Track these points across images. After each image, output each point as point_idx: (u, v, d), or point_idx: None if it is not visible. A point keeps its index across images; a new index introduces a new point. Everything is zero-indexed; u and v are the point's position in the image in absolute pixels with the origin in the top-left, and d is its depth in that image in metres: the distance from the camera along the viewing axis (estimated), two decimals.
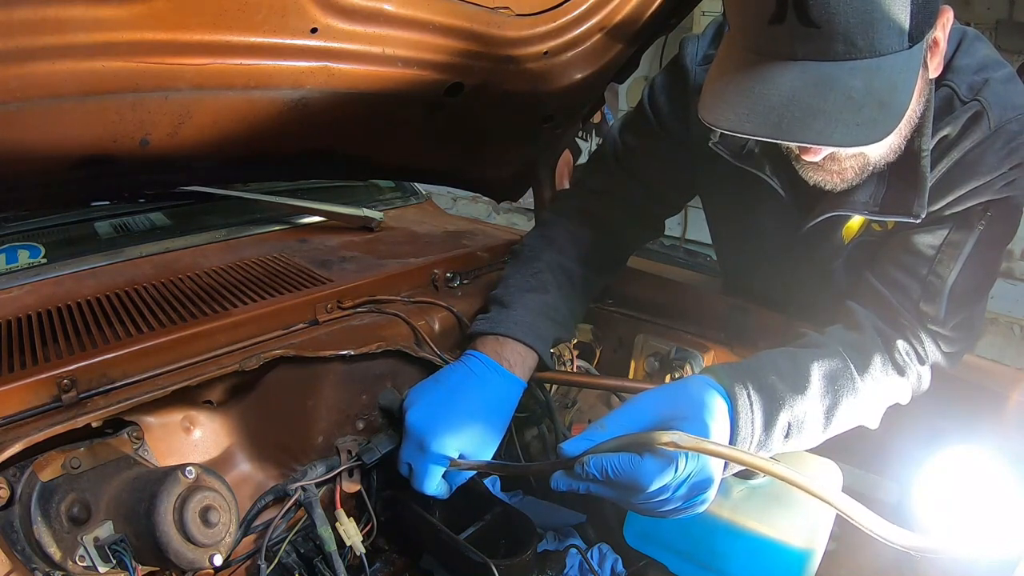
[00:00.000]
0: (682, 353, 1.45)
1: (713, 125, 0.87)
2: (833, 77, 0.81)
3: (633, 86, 4.50)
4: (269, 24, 0.92)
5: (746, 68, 0.86)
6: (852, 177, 1.03)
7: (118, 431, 0.93)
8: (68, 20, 0.76)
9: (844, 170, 1.02)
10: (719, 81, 0.89)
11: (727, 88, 0.87)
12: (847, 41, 0.80)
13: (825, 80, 0.81)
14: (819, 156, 0.96)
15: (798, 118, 0.82)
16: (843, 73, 0.81)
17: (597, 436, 0.88)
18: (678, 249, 4.86)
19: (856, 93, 0.81)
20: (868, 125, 0.82)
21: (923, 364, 1.09)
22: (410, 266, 1.38)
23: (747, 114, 0.84)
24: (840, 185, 1.05)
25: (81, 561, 0.81)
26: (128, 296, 1.17)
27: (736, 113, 0.85)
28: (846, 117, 0.81)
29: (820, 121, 0.81)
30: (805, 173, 1.05)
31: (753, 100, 0.84)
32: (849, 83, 0.81)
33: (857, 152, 0.98)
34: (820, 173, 1.04)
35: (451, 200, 5.68)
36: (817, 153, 0.95)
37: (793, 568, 1.02)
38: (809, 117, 0.81)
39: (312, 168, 1.41)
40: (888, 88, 0.82)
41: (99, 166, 1.00)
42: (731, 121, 0.85)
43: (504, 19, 1.16)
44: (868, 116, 0.81)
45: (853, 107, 0.81)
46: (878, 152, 1.00)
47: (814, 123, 0.81)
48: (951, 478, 1.10)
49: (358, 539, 1.03)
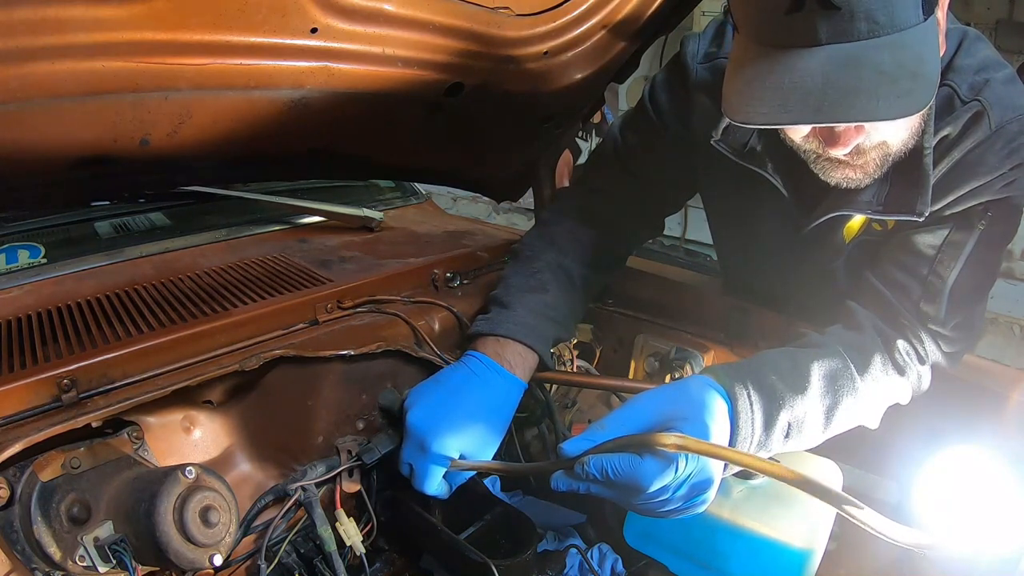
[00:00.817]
0: (682, 353, 1.45)
1: (746, 122, 0.87)
2: (860, 56, 0.80)
3: (633, 86, 4.49)
4: (269, 24, 0.92)
5: (768, 62, 0.84)
6: (874, 170, 1.01)
7: (118, 431, 0.93)
8: (68, 20, 0.76)
9: (867, 163, 1.00)
10: (740, 81, 0.87)
11: (752, 85, 0.85)
12: (869, 19, 0.79)
13: (854, 60, 0.80)
14: (848, 147, 0.94)
15: (837, 100, 0.81)
16: (869, 51, 0.80)
17: (597, 436, 0.88)
18: (678, 249, 4.85)
19: (887, 68, 0.80)
20: (907, 96, 0.81)
21: (923, 364, 1.09)
22: (410, 266, 1.38)
23: (782, 104, 0.83)
24: (864, 180, 1.03)
25: (81, 561, 0.81)
26: (128, 296, 1.17)
27: (769, 107, 0.83)
28: (884, 91, 0.80)
29: (861, 99, 0.80)
30: (825, 173, 1.03)
31: (785, 91, 0.82)
32: (878, 59, 0.80)
33: (880, 141, 0.97)
34: (843, 169, 1.01)
35: (451, 200, 5.68)
36: (847, 144, 0.93)
37: (793, 568, 1.02)
38: (850, 96, 0.80)
39: (312, 168, 1.41)
40: (916, 59, 0.81)
41: (99, 166, 1.00)
42: (766, 115, 0.84)
43: (504, 19, 1.16)
44: (905, 88, 0.81)
45: (888, 81, 0.80)
46: (900, 139, 0.98)
47: (856, 101, 0.81)
48: (951, 478, 1.10)
49: (358, 539, 1.03)
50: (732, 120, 0.88)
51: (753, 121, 0.86)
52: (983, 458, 1.07)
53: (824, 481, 0.75)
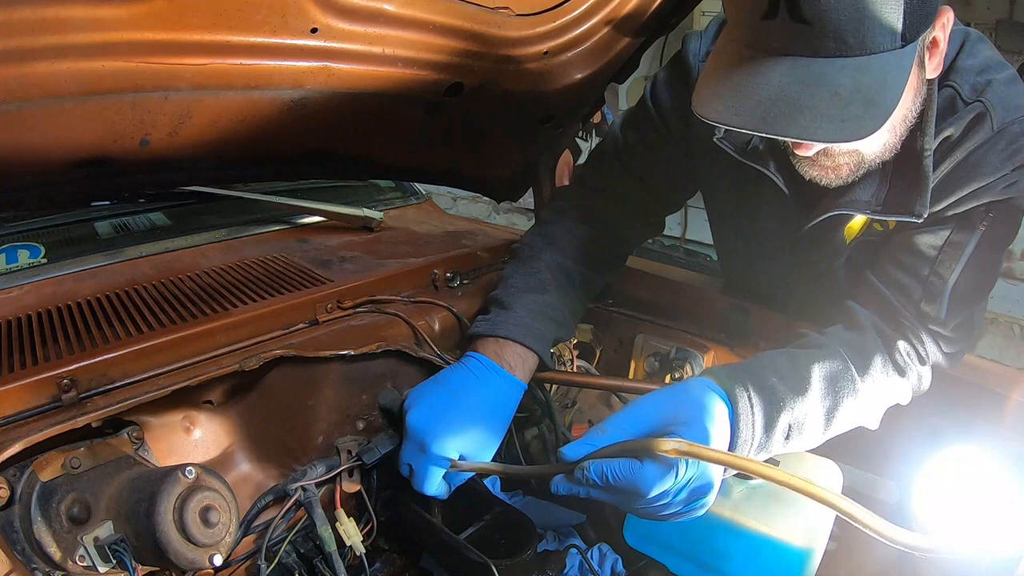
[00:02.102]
0: (682, 353, 1.45)
1: (702, 116, 0.88)
2: (822, 74, 0.82)
3: (633, 86, 4.50)
4: (269, 24, 0.92)
5: (738, 62, 0.87)
6: (847, 174, 1.04)
7: (118, 431, 0.93)
8: (68, 20, 0.76)
9: (839, 166, 1.02)
10: (713, 74, 0.90)
11: (720, 81, 0.88)
12: (837, 38, 0.80)
13: (814, 76, 0.82)
14: (811, 151, 0.97)
15: (784, 113, 0.82)
16: (832, 70, 0.82)
17: (597, 440, 0.88)
18: (678, 249, 4.85)
19: (843, 90, 0.81)
20: (853, 122, 0.82)
21: (924, 364, 1.09)
22: (410, 266, 1.38)
23: (735, 107, 0.85)
24: (835, 181, 1.05)
25: (81, 561, 0.81)
26: (128, 296, 1.17)
27: (725, 106, 0.86)
28: (832, 113, 0.82)
29: (806, 117, 0.82)
30: (801, 168, 1.06)
31: (743, 93, 0.85)
32: (837, 80, 0.81)
33: (851, 149, 0.99)
34: (815, 168, 1.04)
35: (451, 200, 5.69)
36: (808, 148, 0.96)
37: (793, 567, 1.02)
38: (795, 112, 0.82)
39: (312, 168, 1.41)
40: (877, 86, 0.82)
41: (99, 166, 1.00)
42: (720, 113, 0.86)
43: (504, 19, 1.16)
44: (854, 113, 0.82)
45: (839, 104, 0.81)
46: (872, 150, 1.00)
47: (800, 118, 0.82)
48: (951, 478, 1.10)
49: (358, 539, 1.03)
50: (694, 110, 0.89)
51: (706, 116, 0.88)
52: (983, 458, 1.07)
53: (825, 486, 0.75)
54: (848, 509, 0.74)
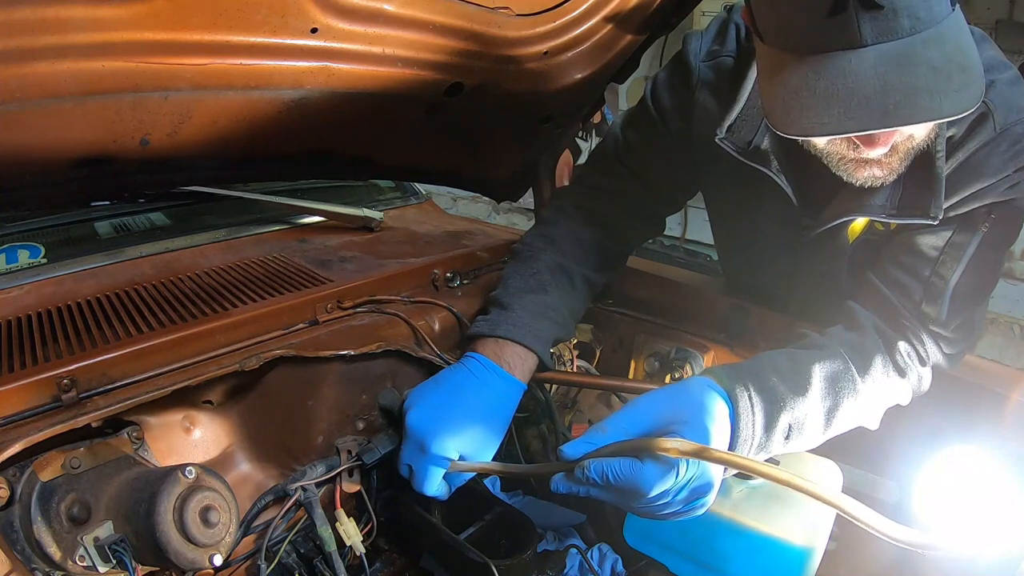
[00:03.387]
0: (682, 353, 1.45)
1: (804, 135, 0.84)
2: (911, 54, 0.79)
3: (633, 86, 4.50)
4: (269, 24, 0.92)
5: (814, 69, 0.81)
6: (899, 166, 0.99)
7: (118, 431, 0.93)
8: (68, 20, 0.76)
9: (894, 160, 0.98)
10: (783, 91, 0.84)
11: (800, 95, 0.82)
12: (911, 15, 0.78)
13: (905, 58, 0.78)
14: (887, 146, 0.93)
15: (900, 102, 0.78)
16: (917, 48, 0.79)
17: (598, 439, 0.88)
18: (678, 249, 4.85)
19: (937, 63, 0.79)
20: (963, 89, 0.80)
21: (924, 365, 1.09)
22: (410, 266, 1.38)
23: (842, 112, 0.80)
24: (889, 178, 1.01)
25: (81, 561, 0.81)
26: (128, 296, 1.17)
27: (830, 117, 0.81)
28: (943, 86, 0.79)
29: (924, 97, 0.78)
30: (851, 173, 1.00)
31: (843, 98, 0.80)
32: (927, 55, 0.78)
33: (908, 136, 0.95)
34: (870, 168, 0.99)
35: (451, 200, 5.68)
36: (886, 143, 0.92)
37: (793, 567, 1.02)
38: (913, 96, 0.78)
39: (312, 168, 1.41)
40: (959, 52, 0.80)
41: (99, 166, 1.00)
42: (827, 125, 0.81)
43: (504, 19, 1.16)
44: (959, 81, 0.79)
45: (943, 77, 0.79)
46: (924, 132, 0.96)
47: (919, 100, 0.78)
48: (951, 478, 1.10)
49: (358, 539, 1.03)
50: (785, 134, 0.85)
51: (813, 132, 0.83)
52: (983, 458, 1.07)
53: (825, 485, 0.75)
54: (849, 508, 0.74)
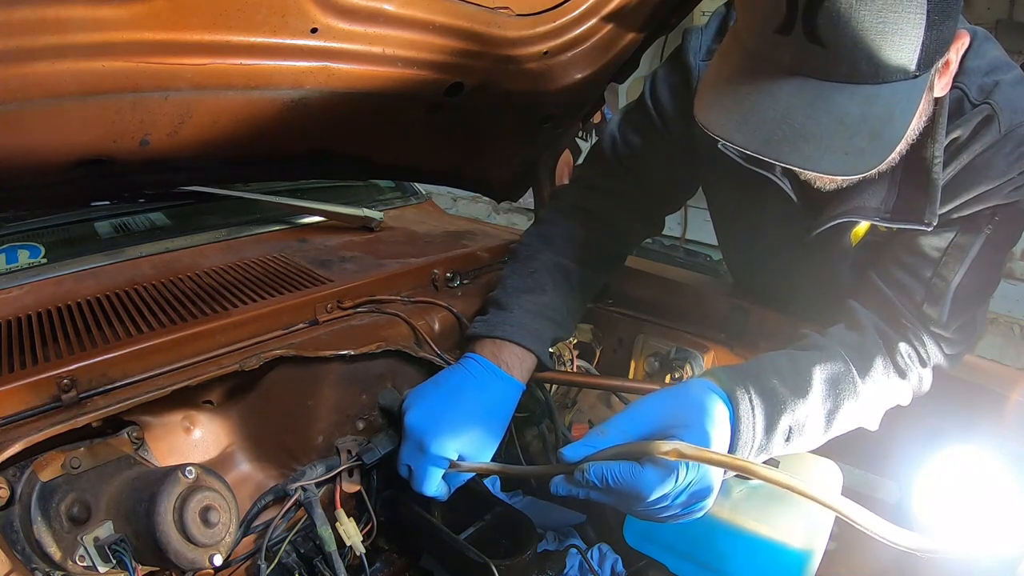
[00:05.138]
0: (682, 353, 1.45)
1: (704, 127, 0.86)
2: (830, 98, 0.80)
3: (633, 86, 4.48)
4: (269, 24, 0.92)
5: (746, 73, 0.84)
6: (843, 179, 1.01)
7: (118, 431, 0.93)
8: (68, 20, 0.76)
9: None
10: (716, 80, 0.87)
11: (724, 91, 0.86)
12: (851, 64, 0.78)
13: (821, 100, 0.80)
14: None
15: (787, 137, 0.80)
16: (841, 96, 0.79)
17: (597, 442, 0.88)
18: (678, 249, 4.85)
19: (849, 119, 0.79)
20: (856, 155, 0.80)
21: (924, 366, 1.09)
22: (410, 266, 1.38)
23: (739, 123, 0.83)
24: (843, 182, 1.03)
25: (81, 561, 0.81)
26: (128, 296, 1.17)
27: (729, 119, 0.83)
28: (836, 144, 0.80)
29: (809, 145, 0.80)
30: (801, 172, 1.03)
31: (747, 109, 0.82)
32: (845, 108, 0.79)
33: None
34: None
35: (451, 200, 5.68)
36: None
37: (793, 568, 1.02)
38: (799, 139, 0.80)
39: (312, 168, 1.41)
40: (884, 118, 0.80)
41: (99, 166, 1.00)
42: (722, 127, 0.84)
43: (504, 19, 1.16)
44: (858, 145, 0.80)
45: (845, 134, 0.79)
46: None
47: (803, 146, 0.80)
48: (951, 478, 1.10)
49: (358, 539, 1.03)
50: (696, 117, 0.87)
51: (711, 129, 0.85)
52: (983, 458, 1.07)
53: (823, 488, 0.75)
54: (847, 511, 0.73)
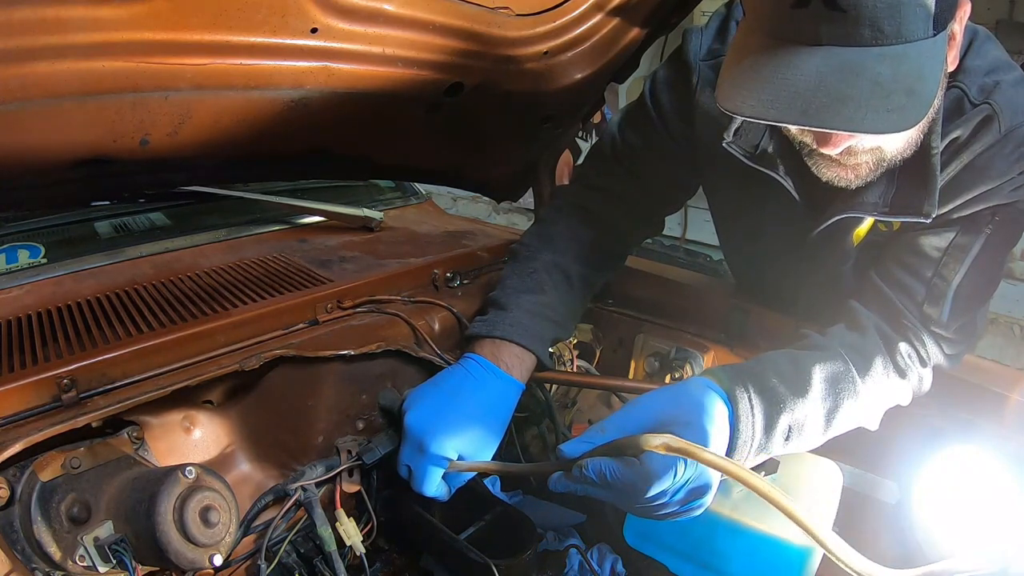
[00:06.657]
0: (682, 353, 1.45)
1: (734, 112, 0.84)
2: (859, 63, 0.79)
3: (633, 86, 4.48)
4: (269, 24, 0.92)
5: (767, 54, 0.82)
6: (867, 173, 1.00)
7: (118, 431, 0.93)
8: (68, 20, 0.76)
9: (859, 165, 0.98)
10: (737, 68, 0.86)
11: (747, 74, 0.84)
12: (874, 26, 0.77)
13: (851, 66, 0.78)
14: (839, 148, 0.93)
15: (826, 104, 0.79)
16: (869, 59, 0.79)
17: (596, 439, 0.88)
18: (678, 249, 4.84)
19: (883, 79, 0.78)
20: (898, 111, 0.79)
21: (925, 366, 1.09)
22: (410, 266, 1.38)
23: (771, 100, 0.81)
24: (854, 181, 1.02)
25: (81, 561, 0.81)
26: (128, 296, 1.17)
27: (759, 99, 0.82)
28: (875, 103, 0.78)
29: (849, 107, 0.78)
30: (818, 169, 1.02)
31: (777, 86, 0.81)
32: (876, 69, 0.78)
33: (874, 146, 0.95)
34: (834, 168, 1.00)
35: (451, 200, 5.68)
36: (837, 145, 0.92)
37: (793, 567, 1.02)
38: (838, 103, 0.78)
39: (312, 168, 1.41)
40: (915, 75, 0.79)
41: (99, 166, 1.00)
42: (754, 108, 0.82)
43: (504, 19, 1.16)
44: (897, 103, 0.79)
45: (881, 93, 0.78)
46: (895, 146, 0.96)
47: (843, 109, 0.78)
48: (951, 478, 1.10)
49: (358, 539, 1.03)
50: (721, 107, 0.86)
51: (740, 112, 0.84)
52: (983, 458, 1.07)
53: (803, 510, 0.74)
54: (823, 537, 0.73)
